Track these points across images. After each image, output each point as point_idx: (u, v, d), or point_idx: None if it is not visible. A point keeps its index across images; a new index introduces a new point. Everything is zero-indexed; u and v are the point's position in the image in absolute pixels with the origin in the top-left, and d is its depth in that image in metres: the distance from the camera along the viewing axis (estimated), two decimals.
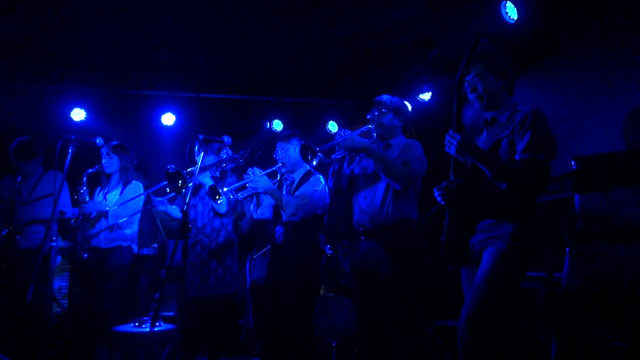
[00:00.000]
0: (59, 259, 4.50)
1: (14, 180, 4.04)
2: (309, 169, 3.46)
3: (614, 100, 3.31)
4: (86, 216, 3.86)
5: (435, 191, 2.26)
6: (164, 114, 5.66)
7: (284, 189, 3.55)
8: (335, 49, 4.85)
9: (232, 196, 3.41)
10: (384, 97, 3.06)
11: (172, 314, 4.73)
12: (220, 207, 3.59)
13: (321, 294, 4.31)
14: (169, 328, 3.35)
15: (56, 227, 3.96)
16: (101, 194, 4.08)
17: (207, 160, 3.67)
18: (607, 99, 3.38)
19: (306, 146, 2.89)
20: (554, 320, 2.64)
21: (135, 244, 4.04)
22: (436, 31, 4.42)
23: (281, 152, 3.49)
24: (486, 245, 2.20)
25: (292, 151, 3.47)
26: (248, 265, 4.54)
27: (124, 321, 3.45)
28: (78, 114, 5.42)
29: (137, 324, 3.31)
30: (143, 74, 5.33)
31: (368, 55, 4.93)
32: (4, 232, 3.86)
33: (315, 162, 2.85)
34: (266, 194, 3.40)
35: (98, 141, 3.72)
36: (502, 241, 2.13)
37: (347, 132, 2.90)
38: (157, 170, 5.51)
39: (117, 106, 5.64)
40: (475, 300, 2.11)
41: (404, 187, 2.81)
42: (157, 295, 4.91)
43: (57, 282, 4.66)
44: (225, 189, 3.38)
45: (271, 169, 3.49)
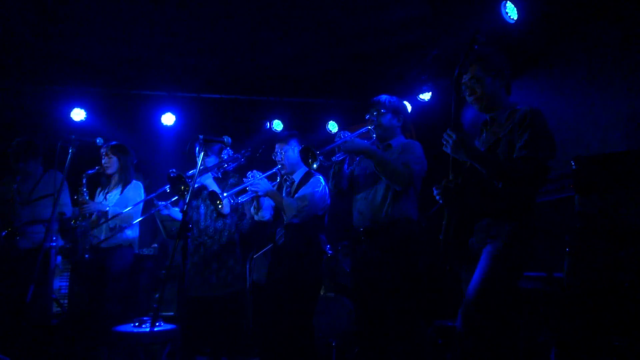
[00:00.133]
0: (59, 259, 4.50)
1: (14, 180, 4.05)
2: (308, 169, 3.45)
3: (613, 100, 3.31)
4: (86, 216, 3.86)
5: (434, 190, 2.26)
6: (164, 114, 5.66)
7: (284, 190, 3.54)
8: (335, 49, 4.85)
9: (233, 201, 3.41)
10: (382, 97, 3.04)
11: (172, 314, 4.73)
12: (223, 208, 3.58)
13: (321, 294, 4.30)
14: (169, 328, 3.35)
15: (56, 227, 3.97)
16: (101, 194, 4.09)
17: (208, 162, 3.67)
18: (607, 99, 3.37)
19: (306, 149, 2.86)
20: (554, 320, 2.64)
21: (135, 244, 4.05)
22: (436, 31, 4.42)
23: (280, 153, 3.47)
24: (485, 244, 2.19)
25: (291, 152, 3.45)
26: (248, 265, 4.53)
27: (124, 321, 3.45)
28: (78, 114, 5.42)
29: (137, 324, 3.32)
30: (143, 74, 5.33)
31: (368, 55, 4.93)
32: (3, 232, 3.87)
33: (315, 166, 2.84)
34: (266, 196, 3.39)
35: (98, 141, 3.73)
36: (500, 240, 2.13)
37: (346, 134, 2.88)
38: (157, 170, 5.51)
39: (117, 106, 5.64)
40: (472, 298, 2.10)
41: (404, 188, 2.81)
42: (157, 295, 4.91)
43: (57, 282, 4.66)
44: (225, 194, 3.38)
45: (270, 171, 3.48)
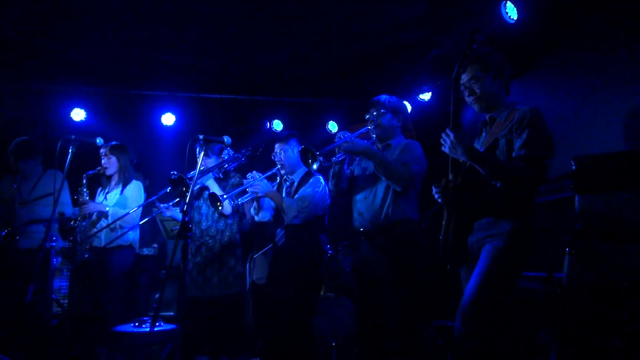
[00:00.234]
0: (59, 259, 4.49)
1: (14, 180, 4.05)
2: (308, 170, 3.44)
3: (613, 100, 3.31)
4: (86, 216, 3.86)
5: (433, 189, 2.26)
6: (164, 114, 5.66)
7: (284, 190, 3.54)
8: (335, 49, 4.85)
9: (233, 202, 3.41)
10: (382, 97, 3.04)
11: (172, 314, 4.73)
12: (225, 210, 3.58)
13: (321, 294, 4.30)
14: (169, 328, 3.35)
15: (56, 227, 3.96)
16: (102, 194, 4.09)
17: (209, 162, 3.67)
18: (607, 99, 3.37)
19: (306, 150, 2.86)
20: (554, 320, 2.64)
21: (136, 243, 4.05)
22: (436, 31, 4.42)
23: (279, 153, 3.47)
24: (484, 244, 2.20)
25: (290, 152, 3.45)
26: (248, 265, 4.53)
27: (124, 321, 3.45)
28: (78, 114, 5.42)
29: (137, 324, 3.31)
30: (143, 74, 5.33)
31: (368, 55, 4.93)
32: (3, 232, 3.86)
33: (315, 166, 2.84)
34: (266, 197, 3.39)
35: (98, 141, 3.72)
36: (500, 239, 2.14)
37: (346, 134, 2.88)
38: (157, 170, 5.51)
39: (117, 106, 5.64)
40: (471, 297, 2.10)
41: (404, 188, 2.81)
42: (157, 295, 4.91)
43: (57, 282, 4.66)
44: (225, 196, 3.37)
45: (270, 172, 3.47)
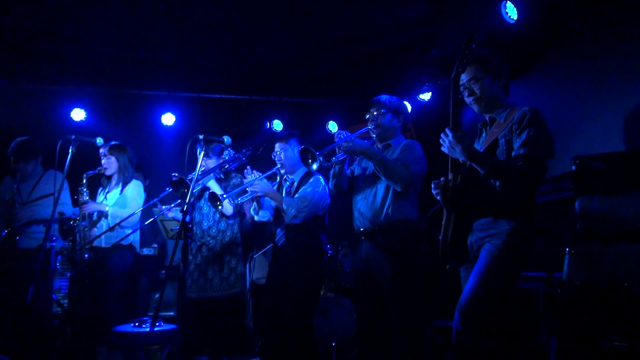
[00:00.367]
0: (59, 259, 4.49)
1: (13, 180, 4.05)
2: (308, 169, 3.44)
3: (613, 100, 3.31)
4: (86, 216, 3.86)
5: (432, 185, 2.26)
6: (164, 114, 5.66)
7: (284, 190, 3.54)
8: (335, 49, 4.85)
9: (233, 201, 3.40)
10: (383, 97, 3.04)
11: (172, 314, 4.73)
12: (226, 210, 3.58)
13: (321, 294, 4.30)
14: (169, 328, 3.35)
15: (57, 227, 3.96)
16: (102, 194, 4.09)
17: (210, 163, 3.67)
18: (606, 99, 3.37)
19: (306, 150, 2.86)
20: (554, 320, 2.64)
21: (137, 243, 4.05)
22: (436, 31, 4.42)
23: (279, 153, 3.47)
24: (483, 244, 2.20)
25: (290, 152, 3.44)
26: (248, 265, 4.53)
27: (124, 321, 3.45)
28: (78, 114, 5.42)
29: (137, 324, 3.32)
30: (143, 74, 5.33)
31: (368, 55, 4.93)
32: (3, 232, 3.86)
33: (315, 166, 2.84)
34: (266, 196, 3.38)
35: (98, 141, 3.73)
36: (499, 239, 2.14)
37: (346, 134, 2.88)
38: (157, 170, 5.51)
39: (117, 106, 5.64)
40: (470, 295, 2.11)
41: (404, 188, 2.80)
42: (157, 295, 4.91)
43: (57, 282, 4.66)
44: (224, 195, 3.37)
45: (270, 171, 3.47)
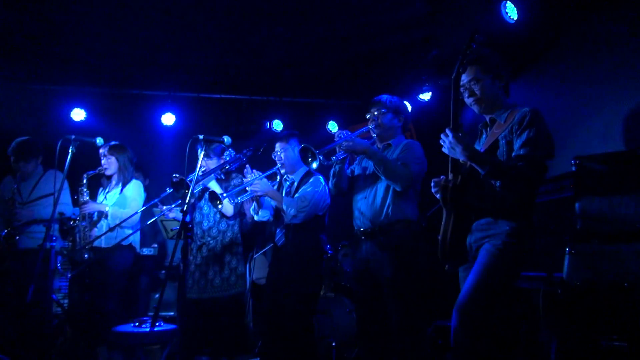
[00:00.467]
0: (59, 259, 4.49)
1: (14, 180, 4.04)
2: (308, 169, 3.44)
3: (613, 100, 3.31)
4: (86, 216, 3.86)
5: (432, 185, 2.26)
6: (164, 114, 5.66)
7: (284, 190, 3.54)
8: (335, 49, 4.84)
9: (233, 201, 3.40)
10: (383, 96, 3.04)
11: (172, 314, 4.73)
12: (227, 210, 3.57)
13: (321, 294, 4.30)
14: (169, 328, 3.35)
15: (57, 227, 3.96)
16: (102, 194, 4.09)
17: (210, 164, 3.67)
18: (606, 99, 3.37)
19: (306, 149, 2.86)
20: (554, 320, 2.64)
21: (137, 244, 4.04)
22: (436, 31, 4.42)
23: (280, 153, 3.47)
24: (482, 244, 2.20)
25: (290, 152, 3.45)
26: (248, 265, 4.53)
27: (124, 321, 3.45)
28: (78, 114, 5.43)
29: (137, 324, 3.32)
30: (143, 74, 5.33)
31: (368, 55, 4.93)
32: (3, 232, 3.86)
33: (315, 165, 2.84)
34: (266, 196, 3.38)
35: (98, 141, 3.72)
36: (498, 239, 2.14)
37: (347, 133, 2.88)
38: (157, 170, 5.51)
39: (117, 106, 5.64)
40: (468, 294, 2.10)
41: (404, 188, 2.80)
42: (157, 295, 4.91)
43: (57, 282, 4.66)
44: (224, 194, 3.37)
45: (270, 170, 3.47)
